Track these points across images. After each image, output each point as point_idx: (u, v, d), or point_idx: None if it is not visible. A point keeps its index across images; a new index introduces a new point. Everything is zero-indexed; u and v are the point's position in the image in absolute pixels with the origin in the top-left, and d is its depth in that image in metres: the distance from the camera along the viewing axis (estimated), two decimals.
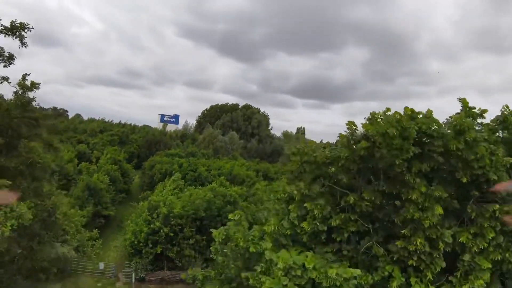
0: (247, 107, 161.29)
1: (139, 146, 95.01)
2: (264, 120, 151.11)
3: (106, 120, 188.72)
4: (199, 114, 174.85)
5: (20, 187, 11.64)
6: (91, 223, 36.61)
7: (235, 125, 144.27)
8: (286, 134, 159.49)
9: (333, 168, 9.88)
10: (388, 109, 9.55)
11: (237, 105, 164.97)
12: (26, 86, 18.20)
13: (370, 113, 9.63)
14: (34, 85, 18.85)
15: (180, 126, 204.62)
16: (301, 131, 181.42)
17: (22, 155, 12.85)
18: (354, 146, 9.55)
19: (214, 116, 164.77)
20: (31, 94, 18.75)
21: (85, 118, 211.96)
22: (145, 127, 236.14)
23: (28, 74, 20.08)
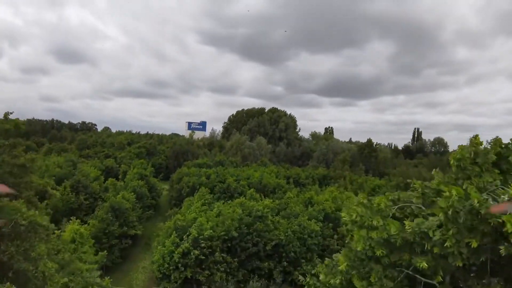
0: (273, 110, 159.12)
1: (167, 157, 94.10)
2: (291, 122, 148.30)
3: (134, 132, 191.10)
4: (226, 119, 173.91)
5: (6, 252, 9.71)
6: (117, 245, 35.10)
7: (262, 130, 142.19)
8: (314, 135, 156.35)
9: None
10: None
11: (263, 109, 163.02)
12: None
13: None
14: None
15: (207, 132, 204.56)
16: (329, 131, 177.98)
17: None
18: None
19: (240, 121, 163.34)
20: None
21: (114, 130, 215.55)
22: (173, 135, 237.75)
23: (11, 113, 18.68)
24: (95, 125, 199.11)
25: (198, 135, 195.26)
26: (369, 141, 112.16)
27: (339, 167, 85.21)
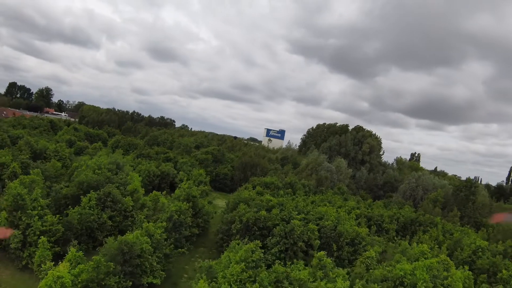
0: (358, 129, 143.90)
1: (233, 168, 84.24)
2: (376, 145, 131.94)
3: (210, 133, 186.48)
4: (306, 130, 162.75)
5: None
6: None
7: (344, 150, 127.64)
8: (399, 161, 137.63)
9: None
10: None
11: (346, 126, 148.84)
12: None
13: None
14: None
15: (284, 141, 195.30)
16: (415, 158, 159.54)
17: None
18: None
19: (320, 136, 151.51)
20: None
21: (196, 128, 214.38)
22: (251, 140, 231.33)
23: None
24: (174, 121, 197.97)
25: (275, 143, 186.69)
26: (469, 181, 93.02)
27: (430, 209, 69.32)
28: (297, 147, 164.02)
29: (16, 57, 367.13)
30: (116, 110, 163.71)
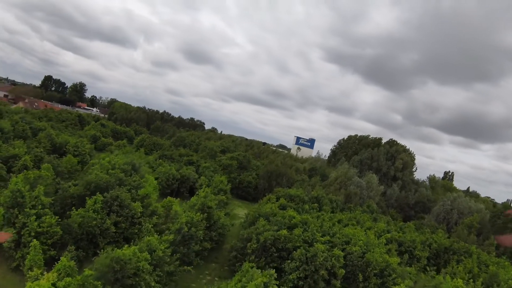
0: (391, 143, 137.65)
1: (258, 176, 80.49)
2: (409, 161, 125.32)
3: (239, 137, 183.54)
4: (336, 140, 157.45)
5: None
6: None
7: (375, 164, 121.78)
8: (432, 180, 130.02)
9: None
10: None
11: (380, 139, 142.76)
12: None
13: None
14: None
15: (314, 151, 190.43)
16: (449, 177, 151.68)
17: None
18: None
19: (351, 147, 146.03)
20: None
21: (227, 132, 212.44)
22: (280, 147, 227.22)
23: None
24: (203, 123, 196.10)
25: (304, 152, 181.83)
26: (507, 206, 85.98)
27: (464, 236, 63.42)
28: (327, 158, 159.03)
29: (56, 52, 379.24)
30: (147, 109, 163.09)
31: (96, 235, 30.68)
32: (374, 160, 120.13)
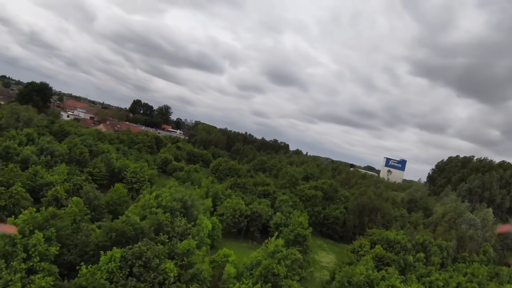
0: (505, 166, 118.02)
1: (347, 210, 69.79)
2: None
3: (325, 159, 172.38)
4: (427, 160, 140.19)
5: None
6: None
7: (488, 194, 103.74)
8: None
9: None
10: None
11: (491, 162, 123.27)
12: None
13: None
14: None
15: (405, 173, 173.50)
16: None
17: None
18: None
19: (453, 171, 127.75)
20: None
21: (312, 153, 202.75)
22: (368, 169, 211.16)
23: None
24: (287, 145, 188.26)
25: (395, 175, 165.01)
26: None
27: None
28: (422, 182, 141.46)
29: (148, 79, 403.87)
30: (229, 130, 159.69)
31: None
32: (486, 189, 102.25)
